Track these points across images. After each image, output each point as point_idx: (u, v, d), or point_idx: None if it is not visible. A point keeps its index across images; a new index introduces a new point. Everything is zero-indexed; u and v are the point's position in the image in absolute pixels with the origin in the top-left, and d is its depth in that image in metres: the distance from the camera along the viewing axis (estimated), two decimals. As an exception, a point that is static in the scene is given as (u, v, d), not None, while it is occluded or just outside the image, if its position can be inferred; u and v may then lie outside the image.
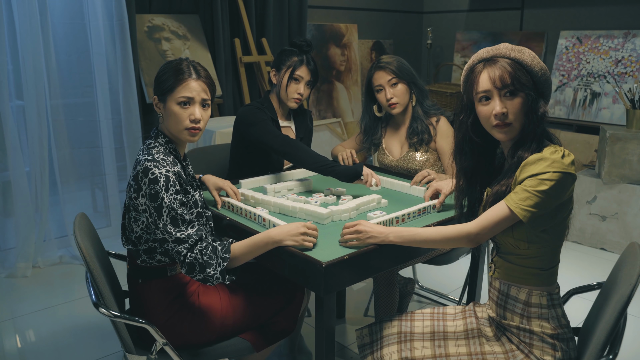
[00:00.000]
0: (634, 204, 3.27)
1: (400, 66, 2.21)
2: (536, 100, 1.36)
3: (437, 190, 1.86)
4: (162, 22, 3.48)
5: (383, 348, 1.50)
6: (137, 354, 1.52)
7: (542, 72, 1.37)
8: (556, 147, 1.35)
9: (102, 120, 3.22)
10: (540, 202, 1.29)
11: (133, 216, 1.51)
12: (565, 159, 1.30)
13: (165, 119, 1.54)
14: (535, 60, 1.37)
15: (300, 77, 2.18)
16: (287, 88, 2.18)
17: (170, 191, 1.42)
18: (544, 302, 1.37)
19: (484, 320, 1.46)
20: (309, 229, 1.50)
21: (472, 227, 1.38)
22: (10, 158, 2.89)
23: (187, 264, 1.41)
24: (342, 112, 4.67)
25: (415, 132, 2.25)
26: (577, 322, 1.56)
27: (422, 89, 2.28)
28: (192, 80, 1.51)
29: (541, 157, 1.31)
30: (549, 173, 1.28)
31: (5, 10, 2.80)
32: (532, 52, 1.39)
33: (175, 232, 1.42)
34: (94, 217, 3.35)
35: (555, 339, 1.36)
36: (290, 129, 2.33)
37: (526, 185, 1.30)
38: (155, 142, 1.54)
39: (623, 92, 3.62)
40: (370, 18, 4.88)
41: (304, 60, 2.18)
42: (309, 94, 2.25)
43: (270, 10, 3.84)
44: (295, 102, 2.21)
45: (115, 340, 1.79)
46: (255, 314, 1.64)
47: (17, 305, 2.70)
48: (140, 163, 1.46)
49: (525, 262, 1.37)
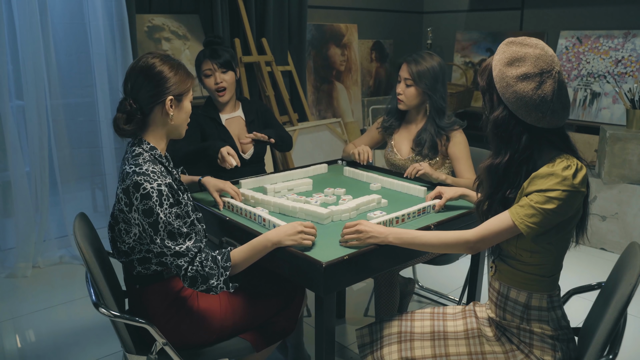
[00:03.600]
0: (634, 204, 3.27)
1: (423, 73, 2.13)
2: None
3: (440, 193, 1.86)
4: (162, 22, 3.48)
5: (383, 348, 1.50)
6: (137, 354, 1.52)
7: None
8: (570, 160, 1.30)
9: (102, 120, 3.22)
10: (545, 219, 1.27)
11: (124, 228, 1.48)
12: (577, 177, 1.27)
13: (174, 118, 1.50)
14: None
15: (209, 70, 2.26)
16: (205, 86, 2.30)
17: (165, 205, 1.39)
18: (544, 304, 1.36)
19: (484, 321, 1.46)
20: (306, 227, 1.50)
21: (472, 236, 1.37)
22: (10, 158, 2.88)
23: (189, 278, 1.40)
24: (342, 112, 4.67)
25: (421, 143, 2.22)
26: (577, 322, 1.56)
27: (438, 105, 2.18)
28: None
29: (552, 172, 1.27)
30: (558, 191, 1.25)
31: (5, 10, 2.79)
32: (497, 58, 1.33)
33: (174, 246, 1.40)
34: (94, 217, 3.35)
35: (556, 339, 1.36)
36: (240, 117, 2.41)
37: (533, 200, 1.28)
38: (139, 149, 1.48)
39: (623, 92, 3.62)
40: (370, 18, 4.88)
41: (206, 54, 2.27)
42: (233, 78, 2.31)
43: (270, 10, 3.84)
44: (219, 96, 2.29)
45: (115, 340, 1.79)
46: (255, 315, 1.64)
47: (17, 305, 2.70)
48: (129, 176, 1.41)
49: (527, 269, 1.36)
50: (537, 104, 1.26)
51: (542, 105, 1.26)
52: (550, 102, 1.27)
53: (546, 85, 1.26)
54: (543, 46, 1.30)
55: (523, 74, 1.27)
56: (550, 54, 1.29)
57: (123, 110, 1.45)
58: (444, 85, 2.19)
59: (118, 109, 1.47)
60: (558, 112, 1.28)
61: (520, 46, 1.30)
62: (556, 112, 1.28)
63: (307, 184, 2.09)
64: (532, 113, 1.28)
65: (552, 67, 1.27)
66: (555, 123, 1.30)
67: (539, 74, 1.27)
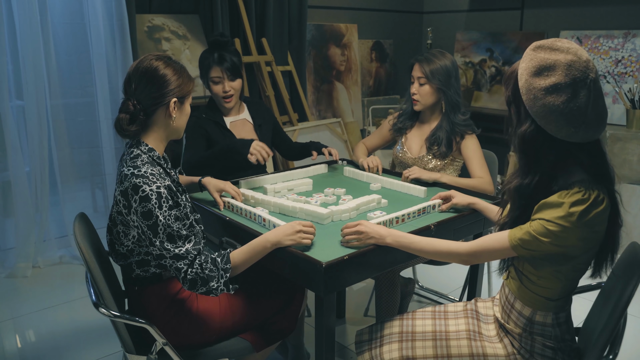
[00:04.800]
0: (634, 204, 3.27)
1: (436, 70, 2.14)
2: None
3: (450, 196, 1.82)
4: (162, 22, 3.48)
5: (383, 346, 1.49)
6: (137, 354, 1.52)
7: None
8: (588, 192, 1.17)
9: (102, 120, 3.22)
10: (540, 249, 1.21)
11: (122, 230, 1.47)
12: (587, 215, 1.15)
13: (176, 119, 1.50)
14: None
15: (217, 78, 2.19)
16: (211, 91, 2.23)
17: (164, 208, 1.39)
18: (549, 321, 1.34)
19: (488, 318, 1.45)
20: (305, 226, 1.50)
21: (466, 250, 1.34)
22: (10, 158, 2.88)
23: (189, 280, 1.40)
24: (342, 112, 4.67)
25: (436, 142, 2.21)
26: (577, 322, 1.56)
27: (453, 101, 2.18)
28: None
29: (561, 204, 1.17)
30: (559, 226, 1.17)
31: (5, 10, 2.79)
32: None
33: (173, 248, 1.39)
34: (94, 217, 3.35)
35: (557, 350, 1.35)
36: (247, 120, 2.37)
37: (532, 227, 1.21)
38: (137, 151, 1.48)
39: (623, 92, 3.62)
40: (370, 18, 4.88)
41: (214, 59, 2.18)
42: (241, 84, 2.26)
43: (270, 10, 3.84)
44: (226, 102, 2.24)
45: (115, 340, 1.79)
46: (255, 315, 1.64)
47: (17, 305, 2.70)
48: (127, 178, 1.40)
49: (533, 288, 1.32)
50: (568, 118, 1.13)
51: (575, 119, 1.13)
52: (584, 116, 1.13)
53: (580, 97, 1.13)
54: (576, 50, 1.16)
55: (553, 84, 1.14)
56: (584, 59, 1.15)
57: (126, 110, 1.46)
58: (457, 81, 2.19)
59: (121, 109, 1.47)
60: (592, 124, 1.16)
61: (550, 52, 1.17)
62: (590, 125, 1.15)
63: (307, 184, 2.09)
64: (563, 128, 1.15)
65: (586, 75, 1.13)
66: (589, 137, 1.17)
67: (570, 84, 1.13)
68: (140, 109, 1.46)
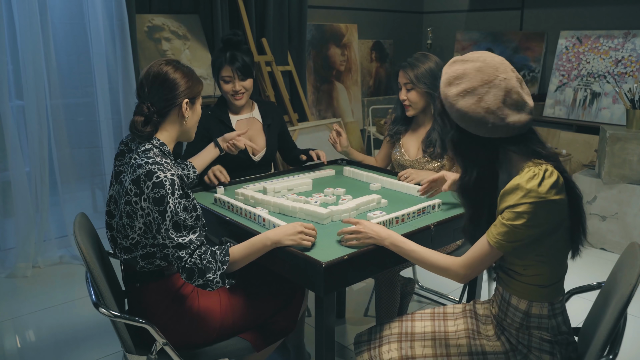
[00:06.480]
0: (634, 204, 3.27)
1: (421, 74, 2.14)
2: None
3: (444, 177, 1.86)
4: (162, 22, 3.48)
5: (382, 346, 1.50)
6: (137, 354, 1.52)
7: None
8: (537, 168, 1.24)
9: (102, 120, 3.22)
10: (518, 235, 1.24)
11: (127, 223, 1.48)
12: (543, 185, 1.21)
13: (188, 120, 1.58)
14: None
15: (228, 77, 2.21)
16: (221, 89, 2.25)
17: (176, 195, 1.42)
18: (545, 312, 1.35)
19: (486, 318, 1.46)
20: (307, 228, 1.51)
21: (460, 267, 1.35)
22: (10, 158, 2.89)
23: (186, 270, 1.41)
24: (342, 112, 4.67)
25: (431, 143, 2.23)
26: (577, 322, 1.56)
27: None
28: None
29: (517, 186, 1.23)
30: (525, 205, 1.22)
31: (5, 10, 2.80)
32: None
33: (177, 237, 1.41)
34: (94, 217, 3.34)
35: (554, 343, 1.36)
36: (256, 119, 2.37)
37: (504, 217, 1.25)
38: (149, 145, 1.52)
39: (623, 92, 3.62)
40: (370, 18, 4.88)
41: (226, 59, 2.20)
42: (251, 83, 2.27)
43: (270, 10, 3.84)
44: (236, 100, 2.25)
45: (115, 340, 1.79)
46: (255, 314, 1.64)
47: (17, 305, 2.70)
48: (140, 167, 1.43)
49: (524, 279, 1.34)
50: (482, 117, 1.24)
51: (488, 116, 1.23)
52: (498, 111, 1.23)
53: (489, 96, 1.23)
54: (485, 58, 1.28)
55: (462, 90, 1.25)
56: (492, 63, 1.26)
57: (141, 113, 1.52)
58: None
59: (135, 112, 1.54)
60: (511, 117, 1.24)
61: (461, 63, 1.29)
62: (509, 118, 1.24)
63: (307, 184, 2.09)
64: (481, 127, 1.25)
65: (495, 76, 1.24)
66: (512, 130, 1.25)
67: (478, 86, 1.24)
68: (154, 111, 1.52)
